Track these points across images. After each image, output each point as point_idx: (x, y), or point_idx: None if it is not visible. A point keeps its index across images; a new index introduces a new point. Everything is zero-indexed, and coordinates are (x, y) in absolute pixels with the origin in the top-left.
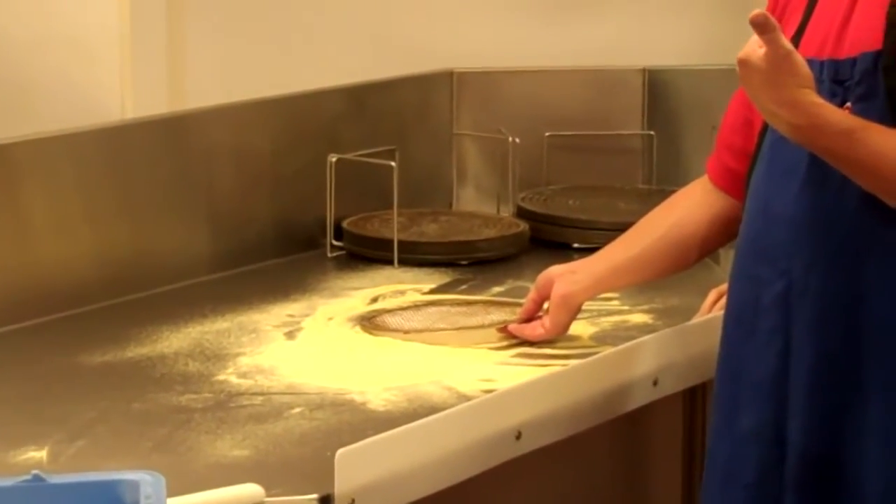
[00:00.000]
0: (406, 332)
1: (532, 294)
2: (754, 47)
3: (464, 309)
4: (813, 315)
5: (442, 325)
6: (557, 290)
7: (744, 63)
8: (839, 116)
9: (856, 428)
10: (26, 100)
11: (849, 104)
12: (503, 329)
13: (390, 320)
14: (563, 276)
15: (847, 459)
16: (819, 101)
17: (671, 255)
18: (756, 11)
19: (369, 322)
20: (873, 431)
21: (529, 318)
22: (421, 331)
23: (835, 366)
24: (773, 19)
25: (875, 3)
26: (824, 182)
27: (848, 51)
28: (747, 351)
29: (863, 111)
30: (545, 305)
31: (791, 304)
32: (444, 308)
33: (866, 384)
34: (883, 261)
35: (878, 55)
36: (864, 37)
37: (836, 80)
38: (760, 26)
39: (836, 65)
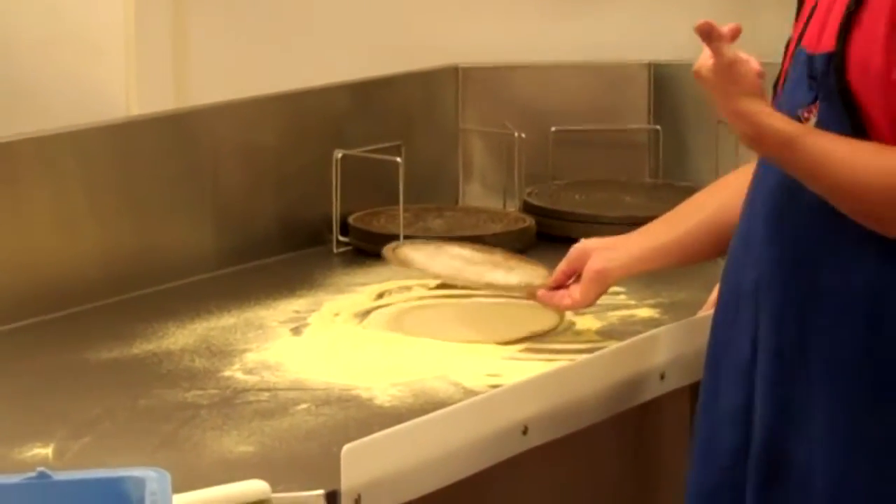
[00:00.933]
0: (434, 274)
1: (563, 266)
2: (705, 57)
3: (483, 256)
4: (774, 308)
5: (469, 276)
6: (592, 265)
7: (696, 75)
8: (781, 125)
9: (805, 425)
10: (31, 97)
11: (817, 101)
12: (532, 295)
13: (414, 256)
14: (600, 252)
15: (798, 455)
16: (763, 109)
17: (714, 238)
18: (701, 21)
19: (393, 252)
20: (820, 431)
21: (558, 287)
22: (450, 276)
23: (789, 361)
24: (717, 28)
25: (843, 3)
26: (790, 182)
27: (822, 48)
28: (729, 335)
29: (826, 110)
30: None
31: (759, 294)
32: (465, 252)
33: (814, 383)
34: (834, 264)
35: (831, 56)
36: (829, 36)
37: (812, 76)
38: (705, 35)
39: (811, 60)
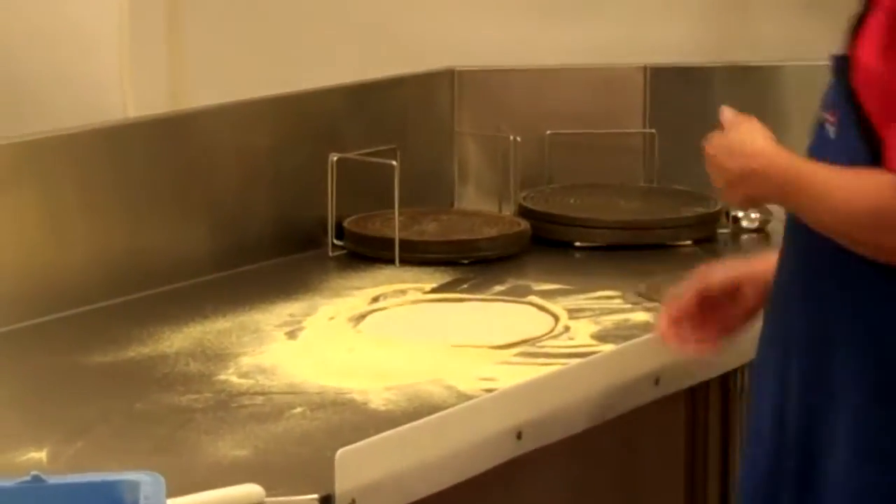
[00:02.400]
0: None
1: None
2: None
3: None
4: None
5: None
6: None
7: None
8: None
9: (829, 434)
10: (25, 98)
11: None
12: None
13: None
14: None
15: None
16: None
17: None
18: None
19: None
20: (840, 440)
21: None
22: None
23: (777, 324)
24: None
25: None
26: None
27: (841, 49)
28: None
29: (842, 115)
30: None
31: (789, 293)
32: None
33: (836, 395)
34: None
35: (840, 58)
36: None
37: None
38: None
39: (833, 60)
